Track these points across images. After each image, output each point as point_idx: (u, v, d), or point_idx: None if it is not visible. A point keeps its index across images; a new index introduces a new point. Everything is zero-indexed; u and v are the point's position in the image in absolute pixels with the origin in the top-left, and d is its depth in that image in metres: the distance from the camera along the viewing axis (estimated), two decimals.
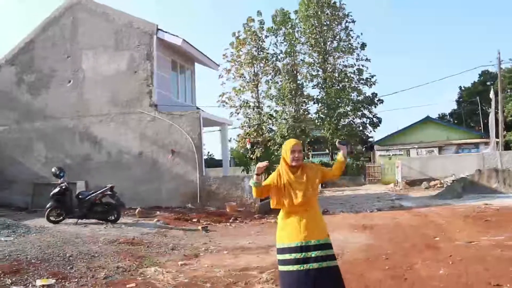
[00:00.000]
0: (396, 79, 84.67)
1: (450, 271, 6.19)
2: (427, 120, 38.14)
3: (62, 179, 11.53)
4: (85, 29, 16.33)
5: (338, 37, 39.69)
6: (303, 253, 3.86)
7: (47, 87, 16.56)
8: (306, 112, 39.70)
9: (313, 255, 3.84)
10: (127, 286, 5.93)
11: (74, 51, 16.36)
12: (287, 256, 3.92)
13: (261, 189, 4.11)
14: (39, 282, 5.84)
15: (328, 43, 39.74)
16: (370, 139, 44.28)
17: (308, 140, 40.49)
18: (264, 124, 37.83)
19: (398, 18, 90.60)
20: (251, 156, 27.10)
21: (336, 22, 39.38)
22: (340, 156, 4.29)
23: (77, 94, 16.20)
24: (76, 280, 6.13)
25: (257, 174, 4.00)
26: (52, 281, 5.95)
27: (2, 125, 16.80)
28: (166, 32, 16.05)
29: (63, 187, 11.35)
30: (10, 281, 5.82)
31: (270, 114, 38.57)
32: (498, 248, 7.48)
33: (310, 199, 4.04)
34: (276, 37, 39.45)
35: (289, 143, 4.16)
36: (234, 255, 7.94)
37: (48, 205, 11.40)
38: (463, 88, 55.23)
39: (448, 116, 56.37)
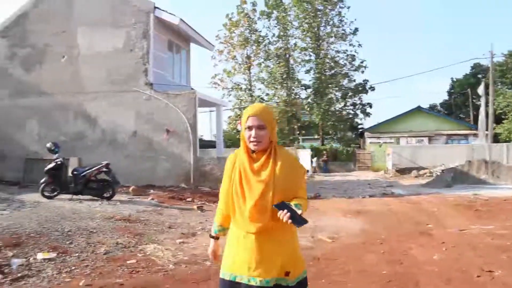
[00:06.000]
0: (390, 65, 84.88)
1: (444, 257, 6.35)
2: (418, 110, 38.46)
3: (57, 154, 11.47)
4: (81, 4, 16.07)
5: (331, 22, 39.57)
6: None
7: (40, 62, 16.31)
8: (297, 97, 39.75)
9: None
10: (128, 262, 5.98)
11: (69, 26, 16.10)
12: None
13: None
14: (40, 256, 5.88)
15: (322, 28, 39.61)
16: (361, 126, 44.52)
17: (299, 124, 40.64)
18: None
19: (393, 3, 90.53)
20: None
21: (329, 7, 39.22)
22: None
23: (71, 71, 16.00)
24: (77, 254, 6.18)
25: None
26: (53, 254, 6.00)
27: None
28: (163, 10, 15.92)
29: (58, 163, 11.29)
30: (11, 253, 5.85)
31: (261, 98, 38.60)
32: (489, 237, 7.68)
33: (265, 213, 2.49)
34: (269, 20, 39.32)
35: (246, 112, 2.64)
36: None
37: (42, 180, 11.33)
38: (455, 80, 55.59)
39: (439, 107, 56.82)
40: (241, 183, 2.57)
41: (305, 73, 39.95)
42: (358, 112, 40.05)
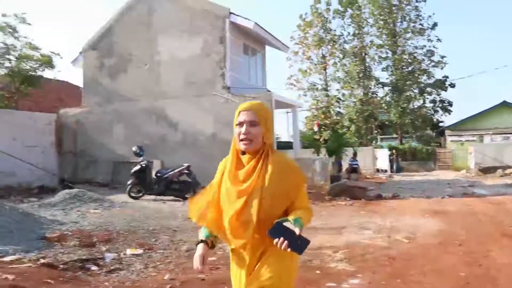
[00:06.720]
0: (470, 59, 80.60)
1: None
2: (504, 105, 36.36)
3: (142, 157, 12.23)
4: (160, 14, 16.88)
5: (408, 17, 38.51)
6: None
7: (125, 70, 17.36)
8: (375, 95, 39.08)
9: None
10: (208, 259, 6.32)
11: (150, 35, 16.98)
12: None
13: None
14: (129, 251, 6.40)
15: (398, 24, 38.66)
16: (441, 124, 42.88)
17: (377, 123, 39.95)
18: (332, 107, 37.70)
19: None
20: (318, 138, 27.10)
21: (405, 2, 38.18)
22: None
23: (153, 77, 16.87)
24: (161, 251, 6.63)
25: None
26: (140, 251, 6.50)
27: (86, 107, 17.86)
28: (238, 15, 16.32)
29: (143, 165, 12.05)
30: (104, 248, 6.43)
31: (337, 97, 38.34)
32: None
33: (247, 228, 2.20)
34: (343, 19, 38.95)
35: (240, 106, 2.35)
36: (307, 234, 8.12)
37: (129, 182, 12.15)
38: None
39: None
40: (226, 192, 2.29)
41: (382, 70, 39.17)
42: (438, 109, 38.69)
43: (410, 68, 37.77)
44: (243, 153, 2.28)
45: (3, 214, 7.09)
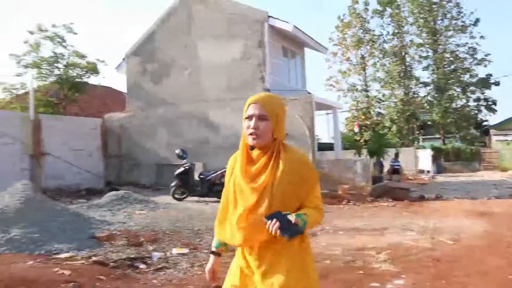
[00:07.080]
0: None
1: None
2: None
3: (185, 160, 12.53)
4: (200, 19, 17.22)
5: (449, 15, 37.56)
6: None
7: (167, 75, 17.78)
8: (416, 95, 38.36)
9: None
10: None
11: (191, 40, 17.34)
12: None
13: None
14: (175, 251, 6.60)
15: (438, 22, 37.78)
16: (485, 123, 41.63)
17: (419, 124, 39.21)
18: (372, 107, 37.25)
19: None
20: (359, 139, 26.88)
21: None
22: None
23: (194, 82, 17.19)
24: (206, 251, 6.77)
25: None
26: (186, 250, 6.68)
27: (129, 112, 18.38)
28: (276, 19, 16.45)
29: (187, 168, 12.35)
30: (151, 248, 6.66)
31: (378, 98, 37.86)
32: None
33: (257, 228, 2.07)
34: (382, 18, 38.42)
35: (249, 99, 2.21)
36: (350, 235, 8.14)
37: (172, 184, 12.46)
38: None
39: None
40: (234, 190, 2.17)
41: (423, 70, 38.36)
42: (482, 108, 37.57)
43: (452, 67, 36.86)
44: (252, 148, 2.17)
45: (56, 215, 7.43)
